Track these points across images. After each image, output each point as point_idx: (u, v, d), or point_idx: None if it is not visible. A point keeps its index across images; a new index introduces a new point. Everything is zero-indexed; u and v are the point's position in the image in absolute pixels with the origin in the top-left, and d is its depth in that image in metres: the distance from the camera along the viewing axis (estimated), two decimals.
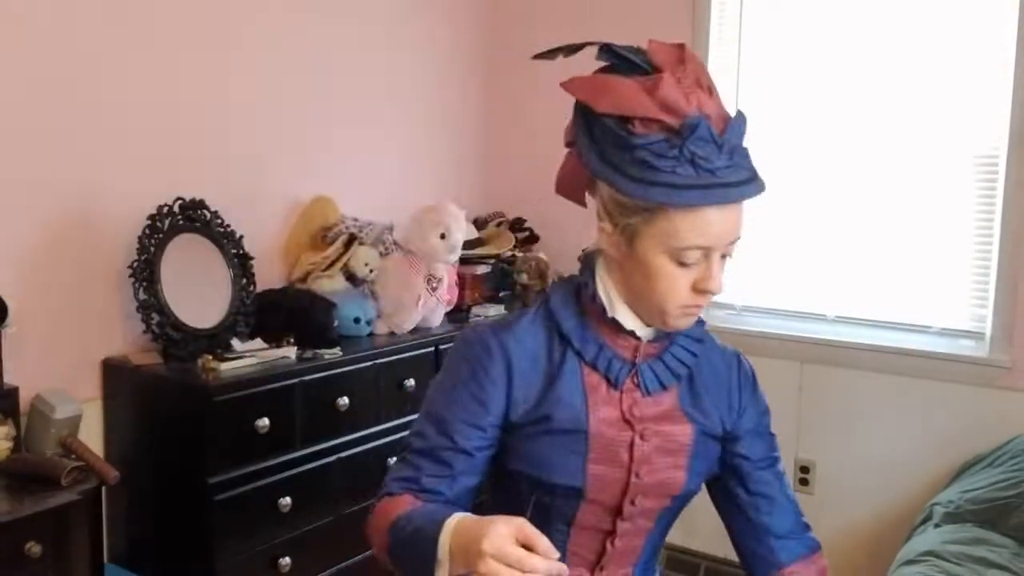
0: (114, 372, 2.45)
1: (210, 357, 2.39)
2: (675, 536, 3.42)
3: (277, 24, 2.81)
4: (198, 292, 2.49)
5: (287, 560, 2.40)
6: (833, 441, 3.11)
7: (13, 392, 2.14)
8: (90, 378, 2.45)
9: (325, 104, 3.04)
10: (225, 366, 2.37)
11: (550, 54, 1.14)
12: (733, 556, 1.41)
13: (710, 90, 1.13)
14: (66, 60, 2.32)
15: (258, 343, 2.56)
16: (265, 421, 2.35)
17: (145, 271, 2.37)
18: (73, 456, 2.13)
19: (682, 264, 1.13)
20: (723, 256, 1.16)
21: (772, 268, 3.21)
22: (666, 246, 1.12)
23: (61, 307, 2.37)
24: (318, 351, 2.54)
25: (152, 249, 2.38)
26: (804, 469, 3.17)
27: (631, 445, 1.21)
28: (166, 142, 2.52)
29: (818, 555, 1.35)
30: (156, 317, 2.39)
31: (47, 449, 2.18)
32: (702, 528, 3.38)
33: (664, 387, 1.24)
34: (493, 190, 3.68)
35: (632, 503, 1.23)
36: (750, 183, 1.13)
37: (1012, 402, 2.80)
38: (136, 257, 2.36)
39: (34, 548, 1.87)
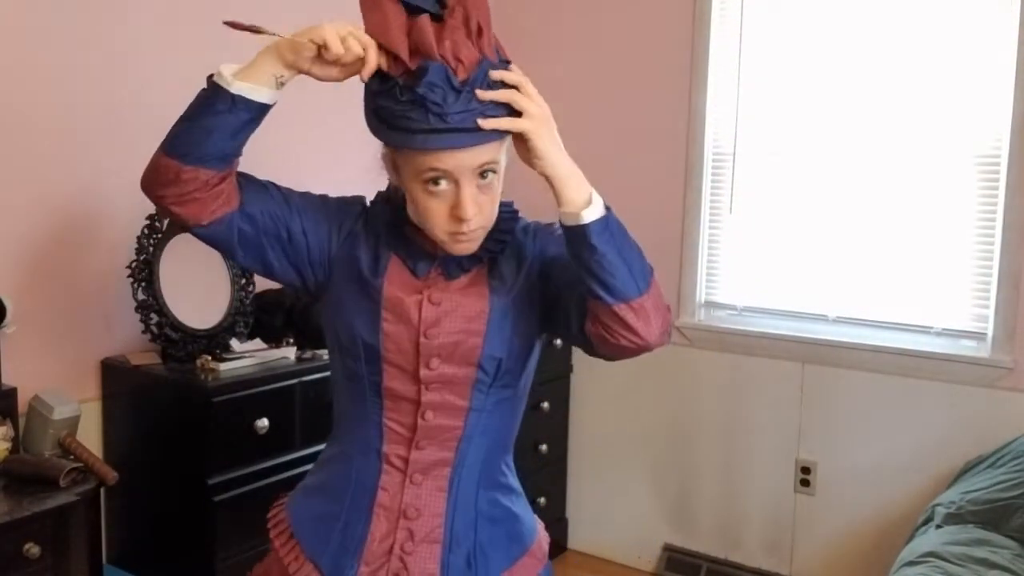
0: (113, 372, 2.44)
1: (209, 358, 2.39)
2: (675, 536, 3.44)
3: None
4: (197, 292, 2.49)
5: None
6: (834, 442, 3.10)
7: (11, 393, 2.14)
8: (89, 378, 2.44)
9: (327, 101, 3.03)
10: (224, 366, 2.36)
11: (244, 27, 1.15)
12: (734, 556, 1.41)
13: (479, 32, 1.14)
14: (67, 60, 2.32)
15: (257, 343, 2.56)
16: (265, 421, 2.35)
17: (144, 271, 2.37)
18: (72, 457, 2.13)
19: (433, 192, 1.18)
20: (482, 179, 1.19)
21: (773, 269, 3.20)
22: (416, 175, 1.18)
23: (60, 307, 2.37)
24: (317, 351, 2.54)
25: (151, 249, 2.38)
26: (805, 470, 3.16)
27: (420, 306, 1.27)
28: None
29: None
30: (155, 317, 2.39)
31: (45, 450, 2.18)
32: (702, 528, 3.38)
33: (466, 270, 1.30)
34: None
35: (428, 367, 1.27)
36: (473, 133, 1.14)
37: (1014, 403, 2.79)
38: (135, 257, 2.36)
39: (33, 549, 1.87)
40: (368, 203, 1.38)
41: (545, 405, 3.38)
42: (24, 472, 2.01)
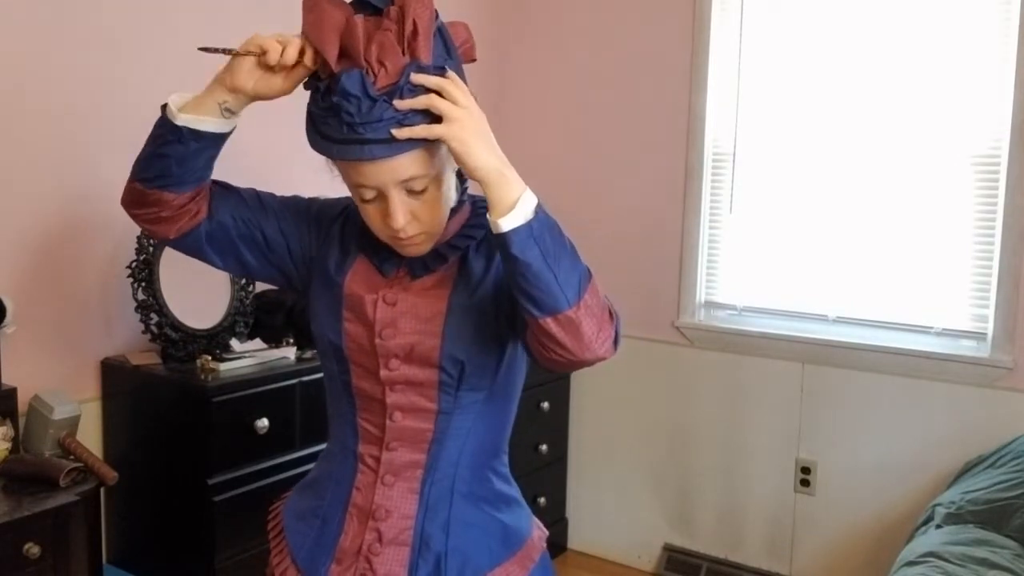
0: (113, 372, 2.44)
1: (209, 358, 2.39)
2: (675, 536, 3.44)
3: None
4: (197, 292, 2.48)
5: None
6: (834, 442, 3.10)
7: (11, 393, 2.14)
8: (89, 378, 2.44)
9: None
10: (224, 366, 2.36)
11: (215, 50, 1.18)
12: (734, 556, 1.41)
13: (413, 33, 1.08)
14: (66, 61, 2.32)
15: (257, 343, 2.56)
16: (265, 421, 2.35)
17: (144, 271, 2.37)
18: (72, 457, 2.13)
19: (366, 199, 1.17)
20: (416, 192, 1.15)
21: (773, 269, 3.21)
22: (347, 182, 1.18)
23: (60, 307, 2.36)
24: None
25: (151, 249, 2.38)
26: (805, 470, 3.16)
27: (375, 305, 1.27)
28: None
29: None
30: (155, 317, 2.39)
31: (46, 450, 2.17)
32: (702, 528, 3.38)
33: (431, 270, 1.27)
34: None
35: (388, 368, 1.26)
36: (388, 144, 1.09)
37: (1014, 403, 2.79)
38: (135, 257, 2.36)
39: (33, 549, 1.87)
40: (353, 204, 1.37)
41: (545, 405, 3.38)
42: (24, 472, 2.01)
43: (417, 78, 1.08)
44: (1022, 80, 2.70)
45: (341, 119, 1.08)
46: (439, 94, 1.08)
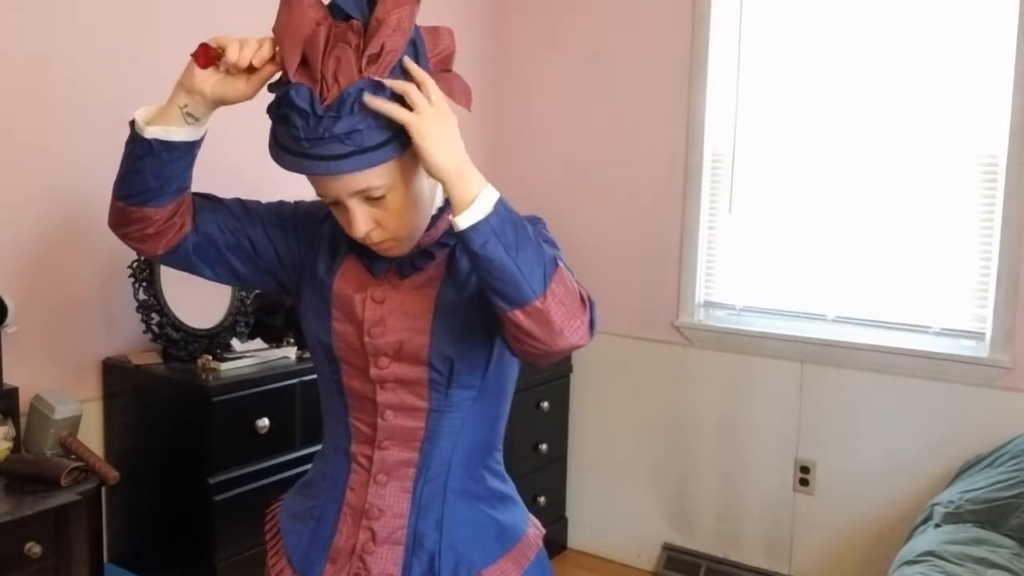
0: (114, 372, 2.45)
1: (210, 357, 2.39)
2: (675, 535, 3.44)
3: None
4: (198, 292, 2.48)
5: None
6: (833, 441, 3.11)
7: (13, 392, 2.15)
8: (90, 378, 2.45)
9: None
10: (225, 366, 2.37)
11: None
12: (733, 556, 1.41)
13: (376, 57, 1.08)
14: (66, 61, 2.32)
15: (258, 343, 2.57)
16: (265, 421, 2.36)
17: (145, 271, 2.37)
18: (73, 456, 2.13)
19: (332, 206, 1.18)
20: (374, 199, 1.14)
21: (772, 269, 3.21)
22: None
23: (61, 307, 2.37)
24: None
25: None
26: (804, 469, 3.17)
27: (364, 304, 1.27)
28: None
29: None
30: (156, 317, 2.39)
31: (47, 449, 2.18)
32: (702, 528, 3.39)
33: (419, 268, 1.27)
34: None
35: (378, 366, 1.26)
36: (339, 160, 1.08)
37: (1012, 402, 2.80)
38: (136, 257, 2.36)
39: (34, 548, 1.88)
40: None
41: (545, 405, 3.38)
42: (25, 471, 2.02)
43: (396, 81, 1.08)
44: (1022, 81, 2.71)
45: (289, 131, 1.09)
46: (419, 88, 1.08)
